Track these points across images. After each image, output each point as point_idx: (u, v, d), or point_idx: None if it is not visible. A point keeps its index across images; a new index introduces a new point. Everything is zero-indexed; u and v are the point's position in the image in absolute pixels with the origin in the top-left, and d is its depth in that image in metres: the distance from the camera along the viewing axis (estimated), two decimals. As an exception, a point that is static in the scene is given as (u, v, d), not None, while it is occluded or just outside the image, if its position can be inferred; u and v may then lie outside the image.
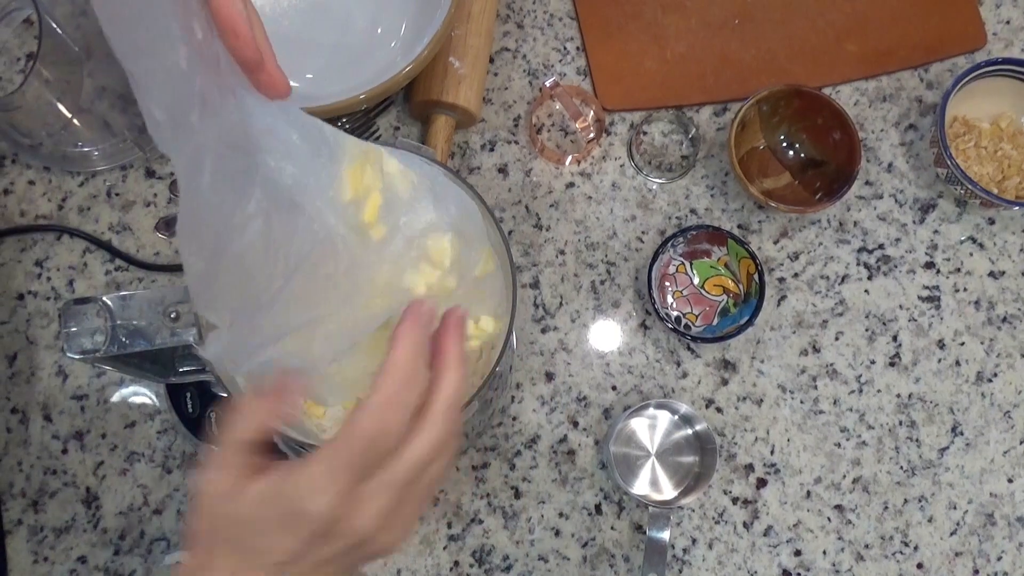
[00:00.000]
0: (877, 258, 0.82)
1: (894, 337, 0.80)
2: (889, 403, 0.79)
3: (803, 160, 0.83)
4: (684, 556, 0.75)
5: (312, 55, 0.81)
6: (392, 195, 0.46)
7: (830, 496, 0.77)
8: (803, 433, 0.78)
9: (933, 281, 0.81)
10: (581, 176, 0.83)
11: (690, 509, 0.76)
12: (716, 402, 0.78)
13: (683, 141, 0.84)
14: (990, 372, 0.79)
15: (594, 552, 0.75)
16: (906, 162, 0.84)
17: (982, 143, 0.82)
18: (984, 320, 0.80)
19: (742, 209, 0.82)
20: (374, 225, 0.45)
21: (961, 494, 0.77)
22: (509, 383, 0.77)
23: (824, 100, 0.79)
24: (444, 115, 0.79)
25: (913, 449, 0.78)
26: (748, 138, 0.82)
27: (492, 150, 0.83)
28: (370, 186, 0.45)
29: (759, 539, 0.76)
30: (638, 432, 0.77)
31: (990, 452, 0.78)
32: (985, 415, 0.79)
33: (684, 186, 0.83)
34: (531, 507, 0.76)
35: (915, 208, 0.83)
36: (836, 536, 0.76)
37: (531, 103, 0.84)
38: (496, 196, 0.82)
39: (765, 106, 0.80)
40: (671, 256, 0.80)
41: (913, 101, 0.86)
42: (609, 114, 0.84)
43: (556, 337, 0.79)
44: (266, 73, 0.39)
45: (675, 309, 0.80)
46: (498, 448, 0.77)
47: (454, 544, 0.75)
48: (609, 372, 0.79)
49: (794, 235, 0.82)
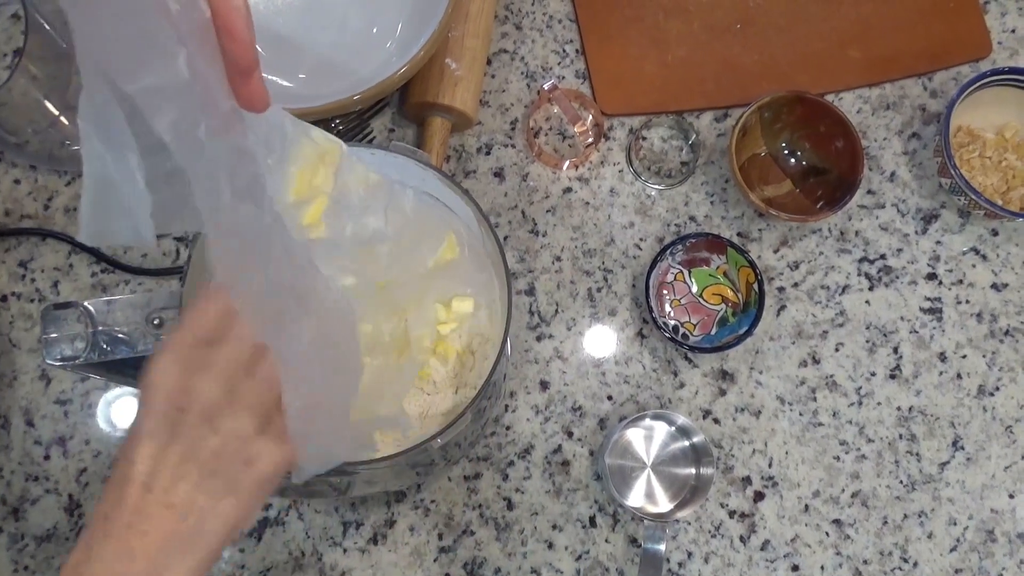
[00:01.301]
0: (878, 268, 0.80)
1: (895, 349, 0.79)
2: (889, 416, 0.77)
3: (805, 168, 0.82)
4: (679, 570, 0.74)
5: (306, 54, 0.79)
6: (344, 200, 0.46)
7: (828, 510, 0.75)
8: (802, 446, 0.76)
9: (935, 293, 0.80)
10: (579, 181, 0.81)
11: (686, 522, 0.75)
12: (713, 413, 0.77)
13: (683, 147, 0.83)
14: (992, 386, 0.78)
15: (588, 565, 0.74)
16: (909, 171, 0.83)
17: (987, 153, 0.81)
18: (986, 333, 0.79)
19: (742, 217, 0.81)
20: (315, 227, 0.45)
21: (961, 509, 0.76)
22: (503, 392, 0.76)
23: (827, 107, 0.78)
24: (440, 118, 0.78)
25: (913, 463, 0.76)
26: (749, 145, 0.81)
27: (488, 154, 0.82)
28: (319, 188, 0.45)
29: (756, 553, 0.74)
30: (634, 443, 0.75)
31: (991, 467, 0.77)
32: (986, 429, 0.77)
33: (683, 193, 0.82)
34: (524, 519, 0.74)
35: (917, 218, 0.82)
36: (834, 551, 0.75)
37: (529, 106, 0.83)
38: (492, 200, 0.81)
39: (767, 112, 0.79)
40: (669, 264, 0.79)
41: (917, 109, 0.84)
42: (608, 119, 0.83)
43: (551, 345, 0.78)
44: (253, 82, 0.37)
45: (673, 318, 0.78)
46: (491, 458, 0.75)
47: (445, 556, 0.74)
48: (605, 381, 0.77)
49: (794, 244, 0.81)
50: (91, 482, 0.74)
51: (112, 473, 0.41)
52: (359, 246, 0.48)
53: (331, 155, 0.46)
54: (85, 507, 0.74)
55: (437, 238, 0.54)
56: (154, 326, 0.49)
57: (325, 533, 0.74)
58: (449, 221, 0.56)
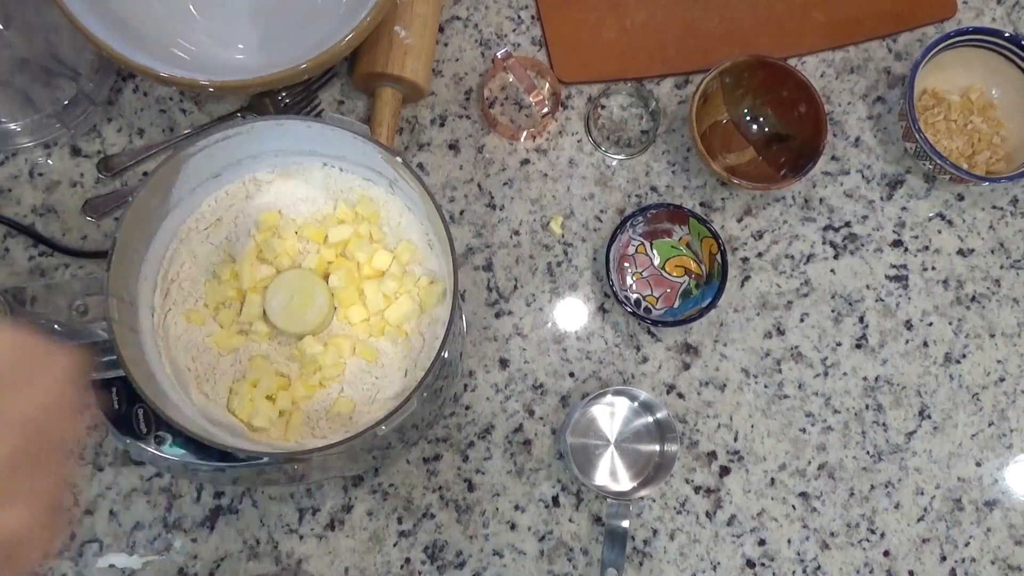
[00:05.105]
0: (843, 236, 0.79)
1: (861, 318, 0.77)
2: (855, 386, 0.76)
3: (767, 134, 0.80)
4: (645, 548, 0.73)
5: (252, 23, 0.76)
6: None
7: (795, 483, 0.74)
8: (767, 419, 0.75)
9: (901, 260, 0.79)
10: (536, 152, 0.79)
11: (651, 499, 0.73)
12: (677, 387, 0.75)
13: (643, 115, 0.80)
14: (958, 353, 0.77)
15: (551, 546, 0.72)
16: (874, 136, 0.81)
17: (952, 116, 0.79)
18: (952, 299, 0.78)
19: (704, 186, 0.79)
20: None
21: (928, 479, 0.75)
22: (460, 370, 0.74)
23: (789, 71, 0.76)
24: (390, 88, 0.75)
25: (880, 433, 0.75)
26: (711, 112, 0.79)
27: (442, 125, 0.79)
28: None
29: (722, 529, 0.73)
30: (597, 420, 0.73)
31: (958, 435, 0.76)
32: (953, 397, 0.76)
33: (644, 162, 0.79)
34: (485, 500, 0.73)
35: (883, 184, 0.80)
36: (801, 524, 0.74)
37: (483, 76, 0.80)
38: (447, 174, 0.78)
39: (728, 78, 0.77)
40: (630, 236, 0.76)
41: (881, 72, 0.82)
42: (566, 87, 0.80)
43: (510, 322, 0.76)
44: None
45: (635, 291, 0.76)
46: (450, 439, 0.73)
47: (405, 540, 0.72)
48: (566, 358, 0.75)
49: (758, 213, 0.79)
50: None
51: None
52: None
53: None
54: (29, 500, 0.71)
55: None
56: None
57: (281, 520, 0.72)
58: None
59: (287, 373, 0.60)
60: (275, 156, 0.61)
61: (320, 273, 0.61)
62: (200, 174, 0.58)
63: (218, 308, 0.60)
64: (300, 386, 0.58)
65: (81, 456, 0.71)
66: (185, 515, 0.71)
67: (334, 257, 0.62)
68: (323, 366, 0.59)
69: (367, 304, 0.61)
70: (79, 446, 0.71)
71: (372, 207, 0.62)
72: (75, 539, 0.70)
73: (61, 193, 0.76)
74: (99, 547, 0.70)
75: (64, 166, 0.76)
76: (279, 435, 0.57)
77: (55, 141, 0.76)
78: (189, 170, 0.57)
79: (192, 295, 0.60)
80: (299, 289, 0.59)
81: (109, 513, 0.71)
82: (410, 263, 0.62)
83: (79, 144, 0.77)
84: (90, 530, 0.71)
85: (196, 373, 0.58)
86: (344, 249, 0.62)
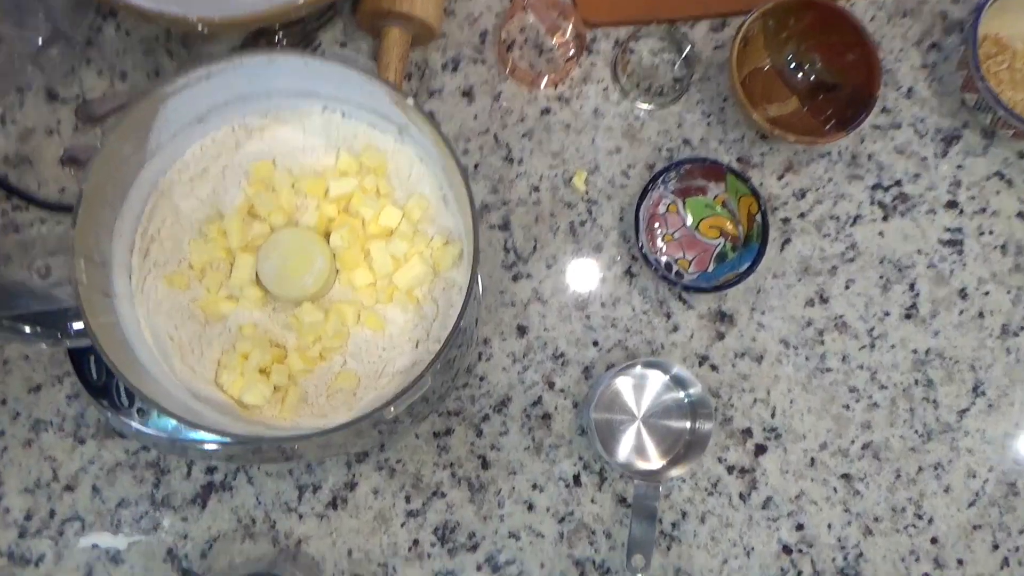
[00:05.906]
0: (893, 196, 0.73)
1: (911, 286, 0.72)
2: (904, 360, 0.71)
3: (813, 83, 0.74)
4: (673, 531, 0.68)
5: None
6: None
7: (836, 464, 0.69)
8: (807, 394, 0.70)
9: (955, 223, 0.73)
10: (558, 101, 0.73)
11: (680, 479, 0.68)
12: (711, 359, 0.70)
13: (676, 61, 0.75)
14: (1016, 325, 0.72)
15: (572, 528, 0.68)
16: (928, 87, 0.75)
17: (1016, 65, 0.73)
18: (1011, 267, 0.72)
19: (742, 140, 0.73)
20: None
21: (981, 461, 0.70)
22: (475, 338, 0.69)
23: (840, 13, 0.70)
24: (397, 28, 0.69)
25: (930, 411, 0.70)
26: (751, 58, 0.73)
27: (455, 70, 0.73)
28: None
29: (757, 512, 0.69)
30: (623, 394, 0.68)
31: (1015, 414, 0.71)
32: (1010, 373, 0.71)
33: (676, 113, 0.74)
34: (500, 478, 0.69)
35: (937, 139, 0.74)
36: (843, 508, 0.69)
37: (500, 16, 0.75)
38: (460, 124, 0.73)
39: (771, 20, 0.72)
40: (661, 194, 0.71)
41: (937, 16, 0.76)
42: (591, 29, 0.75)
43: (529, 286, 0.70)
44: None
45: (665, 254, 0.71)
46: (463, 412, 0.69)
47: (413, 520, 0.68)
48: (590, 326, 0.70)
49: (800, 170, 0.73)
50: (9, 447, 0.67)
51: None
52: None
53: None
54: (3, 475, 0.67)
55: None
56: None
57: (279, 498, 0.67)
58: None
59: (282, 344, 0.55)
60: (268, 98, 0.55)
61: (320, 232, 0.56)
62: (182, 117, 0.52)
63: (204, 270, 0.55)
64: (297, 359, 0.54)
65: (61, 427, 0.66)
66: (174, 491, 0.68)
67: (336, 213, 0.57)
68: (323, 336, 0.54)
69: (373, 267, 0.56)
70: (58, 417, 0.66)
71: (379, 157, 0.57)
72: (55, 517, 0.67)
73: (36, 142, 0.71)
74: (81, 525, 0.67)
75: (39, 113, 0.72)
76: (273, 413, 0.52)
77: (28, 86, 0.72)
78: (169, 112, 0.51)
79: (175, 255, 0.55)
80: (296, 249, 0.55)
81: (92, 489, 0.67)
82: (422, 221, 0.57)
83: (56, 89, 0.72)
84: (71, 507, 0.67)
85: (180, 343, 0.52)
86: (347, 205, 0.57)
